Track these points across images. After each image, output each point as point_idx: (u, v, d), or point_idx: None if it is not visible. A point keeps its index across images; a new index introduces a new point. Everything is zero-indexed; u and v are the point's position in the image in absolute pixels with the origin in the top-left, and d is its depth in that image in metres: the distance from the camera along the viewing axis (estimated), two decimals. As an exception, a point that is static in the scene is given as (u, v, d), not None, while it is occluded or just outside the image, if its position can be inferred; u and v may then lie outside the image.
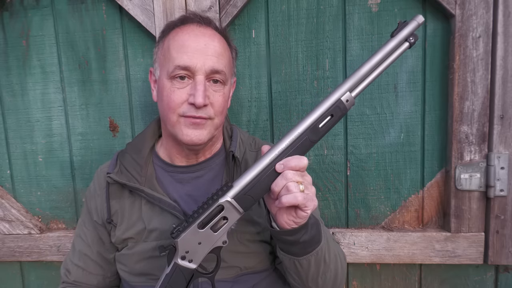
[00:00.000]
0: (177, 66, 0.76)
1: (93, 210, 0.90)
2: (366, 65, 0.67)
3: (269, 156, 0.65)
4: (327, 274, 0.76)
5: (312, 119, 0.66)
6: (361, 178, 1.13)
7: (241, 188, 0.66)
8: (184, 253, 0.68)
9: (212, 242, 0.68)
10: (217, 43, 0.79)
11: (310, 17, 1.08)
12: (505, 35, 0.97)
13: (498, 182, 1.02)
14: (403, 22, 0.67)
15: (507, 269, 1.11)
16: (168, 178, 0.87)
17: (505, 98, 1.00)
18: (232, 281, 0.83)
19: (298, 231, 0.68)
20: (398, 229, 1.12)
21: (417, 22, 0.66)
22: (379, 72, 0.68)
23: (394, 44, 0.67)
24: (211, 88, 0.78)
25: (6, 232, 1.23)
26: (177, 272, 0.69)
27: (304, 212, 0.64)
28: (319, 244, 0.72)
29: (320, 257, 0.72)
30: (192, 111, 0.76)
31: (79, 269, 0.91)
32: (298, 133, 0.65)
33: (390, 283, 1.17)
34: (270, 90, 1.13)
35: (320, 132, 0.66)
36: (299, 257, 0.71)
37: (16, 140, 1.23)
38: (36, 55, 1.18)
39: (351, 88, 0.67)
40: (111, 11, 1.14)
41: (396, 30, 0.67)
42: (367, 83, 0.68)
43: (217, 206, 0.66)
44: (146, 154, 0.89)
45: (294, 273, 0.75)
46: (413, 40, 0.67)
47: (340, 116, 0.67)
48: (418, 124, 1.09)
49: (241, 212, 0.67)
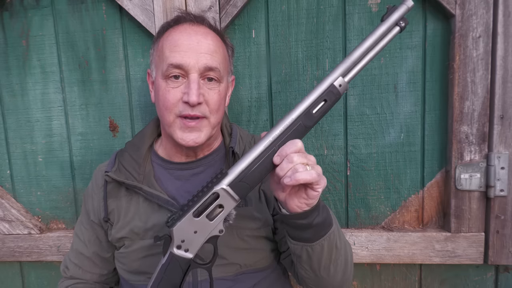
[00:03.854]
0: (170, 65, 0.76)
1: (90, 209, 0.91)
2: (358, 50, 0.67)
3: (263, 143, 0.65)
4: (339, 261, 0.74)
5: (305, 105, 0.66)
6: (361, 178, 1.13)
7: (236, 175, 0.65)
8: (180, 242, 0.67)
9: (208, 231, 0.67)
10: (210, 41, 0.79)
11: (310, 17, 1.08)
12: (505, 35, 0.97)
13: (498, 182, 1.02)
14: (392, 7, 0.68)
15: (507, 269, 1.11)
16: (166, 176, 0.87)
17: (505, 98, 1.00)
18: (232, 279, 0.83)
19: (310, 213, 0.66)
20: (398, 229, 1.12)
21: (407, 6, 0.67)
22: (371, 57, 0.68)
23: (384, 28, 0.67)
24: (205, 86, 0.78)
25: (6, 232, 1.23)
26: (173, 262, 0.68)
27: (315, 191, 0.63)
28: (331, 226, 0.70)
29: (332, 241, 0.71)
30: (187, 110, 0.76)
31: (76, 267, 0.93)
32: (292, 119, 0.65)
33: (390, 283, 1.16)
34: (270, 90, 1.13)
35: (314, 117, 0.67)
36: (312, 242, 0.69)
37: (16, 140, 1.23)
38: (36, 55, 1.18)
39: (344, 73, 0.67)
40: (111, 11, 1.14)
41: (386, 14, 0.67)
42: (360, 67, 0.68)
43: (212, 194, 0.65)
44: (145, 152, 0.89)
45: (306, 263, 0.73)
46: (404, 24, 0.67)
47: (334, 101, 0.67)
48: (418, 124, 1.09)
49: (237, 199, 0.66)
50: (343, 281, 0.78)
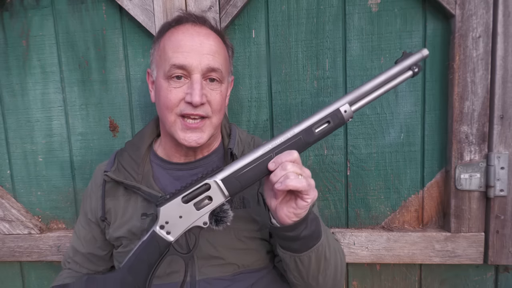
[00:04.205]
0: (173, 66, 0.76)
1: (88, 208, 0.92)
2: (369, 84, 0.71)
3: (262, 148, 0.69)
4: (328, 271, 0.76)
5: (309, 122, 0.70)
6: (361, 178, 1.13)
7: (231, 172, 0.68)
8: (164, 223, 0.70)
9: (192, 219, 0.70)
10: (212, 42, 0.80)
11: (310, 17, 1.08)
12: (505, 35, 0.97)
13: (498, 182, 1.02)
14: (408, 53, 0.71)
15: (507, 269, 1.11)
16: (165, 176, 0.88)
17: (505, 98, 1.00)
18: (229, 279, 0.83)
19: (298, 226, 0.68)
20: (398, 229, 1.12)
21: (422, 54, 0.71)
22: (380, 93, 0.72)
23: (397, 70, 0.71)
24: (208, 87, 0.79)
25: (6, 232, 1.23)
26: (153, 241, 0.70)
27: (304, 201, 0.65)
28: (319, 239, 0.72)
29: (321, 253, 0.73)
30: (190, 109, 0.77)
31: (73, 262, 0.95)
32: (294, 133, 0.69)
33: (390, 283, 1.16)
34: (270, 90, 1.13)
35: (315, 135, 0.70)
36: (299, 253, 0.71)
37: (16, 140, 1.23)
38: (36, 55, 1.18)
39: (351, 101, 0.71)
40: (111, 11, 1.14)
41: (400, 58, 0.72)
42: (367, 101, 0.72)
43: (204, 184, 0.69)
44: (144, 152, 0.90)
45: (295, 271, 0.75)
46: (417, 70, 0.71)
47: (337, 124, 0.71)
48: (418, 124, 1.09)
49: (226, 195, 0.69)
50: (333, 286, 0.80)
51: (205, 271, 0.82)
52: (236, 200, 0.84)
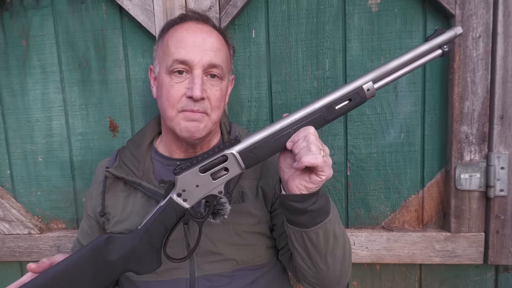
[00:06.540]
0: (175, 60, 0.78)
1: (88, 204, 0.95)
2: (395, 61, 0.68)
3: (281, 122, 0.68)
4: (336, 251, 0.75)
5: (330, 98, 0.68)
6: (361, 178, 1.13)
7: (248, 145, 0.68)
8: (181, 191, 0.71)
9: (208, 188, 0.71)
10: (214, 39, 0.82)
11: (310, 17, 1.08)
12: (505, 35, 0.97)
13: (498, 182, 1.02)
14: (441, 30, 0.69)
15: (507, 269, 1.11)
16: (165, 172, 0.89)
17: (505, 98, 1.00)
18: (229, 276, 0.83)
19: (307, 198, 0.67)
20: (398, 229, 1.12)
21: (455, 32, 0.68)
22: (406, 72, 0.69)
23: (426, 48, 0.68)
24: (208, 82, 0.81)
25: (6, 232, 1.23)
26: (170, 207, 0.71)
27: (318, 177, 0.65)
28: (327, 216, 0.71)
29: (329, 231, 0.71)
30: (190, 105, 0.78)
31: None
32: (314, 108, 0.68)
33: (390, 283, 1.16)
34: (270, 90, 1.13)
35: (335, 113, 0.69)
36: (307, 228, 0.70)
37: (16, 140, 1.23)
38: (36, 55, 1.18)
39: (375, 79, 0.69)
40: (111, 11, 1.14)
41: (432, 35, 0.68)
42: (392, 78, 0.69)
43: (222, 156, 0.69)
44: (145, 149, 0.91)
45: (303, 250, 0.74)
46: (447, 49, 0.68)
47: (358, 103, 0.69)
48: (418, 124, 1.09)
49: (243, 167, 0.70)
50: (341, 274, 0.78)
51: (204, 268, 0.82)
52: (235, 194, 0.84)
